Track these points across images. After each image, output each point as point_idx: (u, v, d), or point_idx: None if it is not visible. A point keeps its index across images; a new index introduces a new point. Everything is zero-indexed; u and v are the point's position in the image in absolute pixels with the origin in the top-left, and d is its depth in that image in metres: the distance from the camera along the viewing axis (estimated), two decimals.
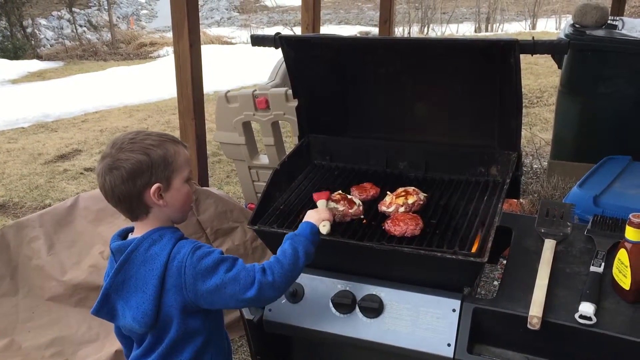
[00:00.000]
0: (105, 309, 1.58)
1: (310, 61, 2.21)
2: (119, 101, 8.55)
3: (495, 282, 3.37)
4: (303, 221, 1.72)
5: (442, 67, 2.11)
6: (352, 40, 2.55)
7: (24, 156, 6.13)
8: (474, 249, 1.75)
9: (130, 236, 1.63)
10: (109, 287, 1.55)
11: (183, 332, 1.56)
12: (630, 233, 1.64)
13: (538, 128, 6.18)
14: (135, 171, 1.50)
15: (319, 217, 1.73)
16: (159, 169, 1.53)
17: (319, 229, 1.70)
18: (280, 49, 2.16)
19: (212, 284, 1.50)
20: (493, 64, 1.91)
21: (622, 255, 1.67)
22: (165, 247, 1.53)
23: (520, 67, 1.85)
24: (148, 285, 1.51)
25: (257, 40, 2.17)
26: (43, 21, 16.18)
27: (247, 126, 3.80)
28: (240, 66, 10.41)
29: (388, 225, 1.88)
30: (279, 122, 3.76)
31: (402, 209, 1.95)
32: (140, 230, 1.60)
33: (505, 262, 2.00)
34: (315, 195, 1.96)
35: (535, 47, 1.78)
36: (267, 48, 2.20)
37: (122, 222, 3.17)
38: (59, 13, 16.44)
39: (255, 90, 3.71)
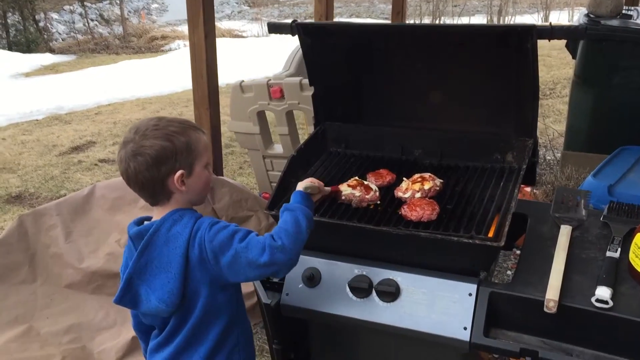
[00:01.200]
0: (128, 296, 1.59)
1: (327, 48, 2.22)
2: (132, 94, 8.60)
3: (509, 272, 3.38)
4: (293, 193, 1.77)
5: (458, 53, 2.11)
6: (368, 27, 2.56)
7: (39, 148, 6.19)
8: (490, 234, 1.76)
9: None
10: (131, 272, 1.56)
11: (209, 310, 1.58)
12: None
13: (551, 119, 6.16)
14: (160, 158, 1.52)
15: (304, 183, 1.78)
16: (183, 156, 1.55)
17: (308, 194, 1.74)
18: (296, 37, 2.17)
19: (230, 255, 1.52)
20: (510, 50, 1.92)
21: (639, 240, 1.67)
22: (187, 226, 1.56)
23: (537, 53, 1.85)
24: (172, 263, 1.53)
25: (274, 28, 2.18)
26: (55, 15, 16.26)
27: (261, 116, 3.81)
28: (251, 59, 10.40)
29: (404, 211, 1.89)
30: (294, 111, 3.78)
31: (418, 195, 1.96)
32: (159, 214, 1.61)
33: (518, 251, 2.01)
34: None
35: (552, 32, 1.79)
36: (278, 41, 2.23)
37: (138, 211, 3.22)
38: (71, 7, 16.50)
39: (270, 79, 3.72)
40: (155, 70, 10.25)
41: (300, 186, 1.76)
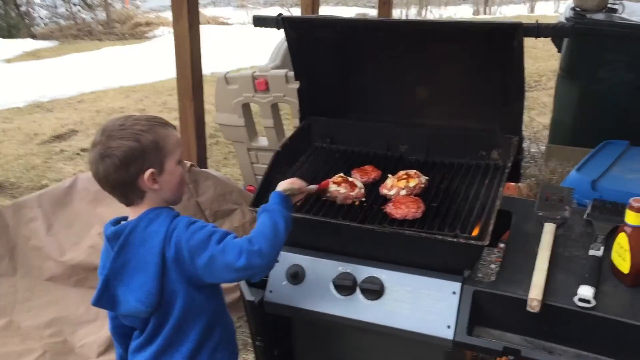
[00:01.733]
0: (106, 298, 1.58)
1: (313, 42, 2.20)
2: (115, 82, 8.48)
3: (492, 265, 3.40)
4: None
5: (445, 50, 2.10)
6: (355, 21, 2.53)
7: (20, 136, 6.10)
8: (474, 232, 1.76)
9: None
10: (108, 274, 1.55)
11: (188, 309, 1.57)
12: (630, 217, 1.65)
13: (536, 112, 6.19)
14: (128, 158, 1.50)
15: (284, 184, 1.75)
16: (151, 154, 1.53)
17: (287, 196, 1.70)
18: (282, 30, 2.15)
19: (206, 257, 1.51)
20: (496, 47, 1.91)
21: (622, 239, 1.68)
22: (163, 224, 1.54)
23: (524, 51, 1.85)
24: (149, 264, 1.52)
25: (260, 21, 2.16)
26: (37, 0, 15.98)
27: (246, 108, 3.78)
28: (237, 47, 10.33)
29: (389, 208, 1.88)
30: (279, 104, 3.75)
31: (403, 192, 1.95)
32: (134, 214, 1.59)
33: (503, 245, 2.01)
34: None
35: (539, 30, 1.78)
36: (264, 30, 2.19)
37: (121, 204, 3.19)
38: None
39: (255, 71, 3.69)
40: (139, 57, 10.12)
41: (280, 187, 1.73)
